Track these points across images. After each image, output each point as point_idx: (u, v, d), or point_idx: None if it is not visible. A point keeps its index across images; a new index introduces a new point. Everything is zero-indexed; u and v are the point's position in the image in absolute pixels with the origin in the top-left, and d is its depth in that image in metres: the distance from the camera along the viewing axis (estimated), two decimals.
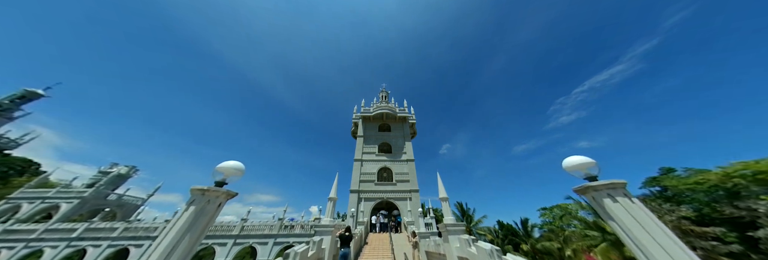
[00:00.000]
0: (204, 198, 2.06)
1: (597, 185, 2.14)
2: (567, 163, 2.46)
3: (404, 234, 15.22)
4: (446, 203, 7.03)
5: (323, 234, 6.43)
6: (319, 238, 5.77)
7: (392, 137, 25.18)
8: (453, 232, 6.08)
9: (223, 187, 2.29)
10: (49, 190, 19.13)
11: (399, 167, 21.55)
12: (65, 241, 14.99)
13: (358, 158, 22.21)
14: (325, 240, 6.30)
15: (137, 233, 15.60)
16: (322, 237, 6.32)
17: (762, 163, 14.04)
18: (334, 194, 7.47)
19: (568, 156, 2.50)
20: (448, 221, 6.32)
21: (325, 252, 6.14)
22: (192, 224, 1.85)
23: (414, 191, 19.23)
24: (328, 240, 6.37)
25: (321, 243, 5.73)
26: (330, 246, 6.32)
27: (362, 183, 19.89)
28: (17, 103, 26.34)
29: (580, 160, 2.38)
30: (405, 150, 23.31)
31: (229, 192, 2.22)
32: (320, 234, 6.43)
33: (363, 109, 28.37)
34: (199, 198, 2.04)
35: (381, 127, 27.07)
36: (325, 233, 6.46)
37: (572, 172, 2.45)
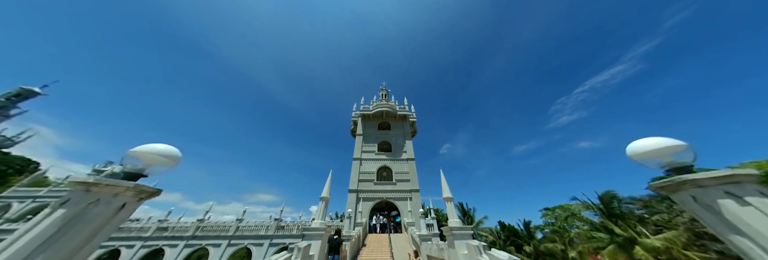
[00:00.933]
0: (88, 196, 1.29)
1: (702, 179, 1.36)
2: (638, 149, 1.67)
3: (404, 235, 14.39)
4: (451, 203, 6.25)
5: (312, 239, 5.55)
6: (307, 244, 4.95)
7: (392, 136, 24.40)
8: (460, 237, 5.29)
9: (139, 180, 1.52)
10: (40, 189, 18.42)
11: (399, 166, 20.75)
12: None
13: (357, 157, 21.42)
14: (314, 246, 5.48)
15: (130, 233, 14.85)
16: (311, 242, 5.47)
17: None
18: (326, 193, 6.46)
19: (638, 140, 1.72)
20: (454, 224, 5.53)
21: (315, 258, 5.34)
22: (60, 235, 1.08)
23: (414, 191, 18.41)
24: (318, 245, 5.56)
25: (308, 250, 4.92)
26: (319, 252, 5.51)
27: (361, 183, 19.09)
28: (13, 101, 25.67)
29: (661, 143, 1.60)
30: (405, 149, 22.51)
31: (142, 188, 1.44)
32: (309, 238, 5.56)
33: (362, 107, 27.62)
34: (78, 196, 1.27)
35: (381, 126, 26.30)
36: (315, 237, 5.58)
37: (645, 161, 1.69)
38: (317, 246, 5.48)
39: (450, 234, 5.32)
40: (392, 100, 29.45)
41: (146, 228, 14.95)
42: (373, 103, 27.99)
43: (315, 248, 5.44)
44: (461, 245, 5.10)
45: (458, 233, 5.31)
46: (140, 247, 14.05)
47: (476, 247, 4.33)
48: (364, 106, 27.73)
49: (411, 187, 18.61)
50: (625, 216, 16.40)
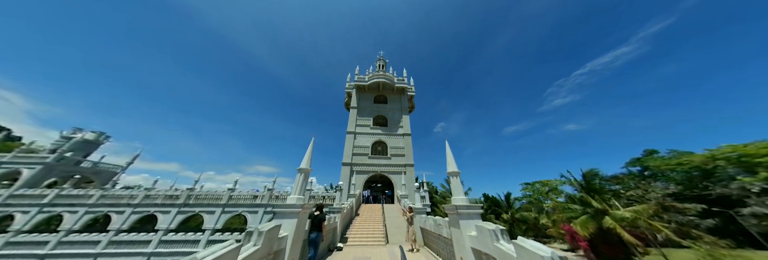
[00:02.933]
0: None
1: None
2: None
3: (397, 206, 14.64)
4: (457, 179, 5.27)
5: (284, 217, 4.41)
6: (272, 226, 3.50)
7: (388, 110, 22.66)
8: (466, 216, 4.44)
9: None
10: (4, 155, 16.59)
11: (394, 141, 19.87)
12: (36, 207, 13.43)
13: (351, 130, 20.13)
14: (286, 226, 4.34)
15: (121, 200, 14.20)
16: (282, 222, 4.28)
17: (750, 147, 13.45)
18: (306, 164, 5.14)
19: None
20: (460, 201, 4.64)
21: (287, 242, 4.19)
22: None
23: (409, 165, 18.11)
24: (292, 225, 4.40)
25: (275, 232, 3.78)
26: (294, 233, 4.39)
27: (355, 157, 18.41)
28: None
29: None
30: (401, 123, 21.21)
31: None
32: (280, 216, 4.41)
33: (357, 77, 24.63)
34: None
35: (377, 99, 24.15)
36: (287, 215, 4.44)
37: None
38: (291, 225, 4.41)
39: (455, 212, 4.47)
40: (390, 72, 26.34)
41: (135, 196, 14.28)
42: (369, 74, 24.94)
43: (288, 228, 4.37)
44: (468, 226, 4.30)
45: (465, 212, 4.45)
46: (131, 213, 13.54)
47: (492, 232, 3.40)
48: (359, 76, 24.71)
49: (405, 162, 18.23)
50: (602, 190, 17.25)
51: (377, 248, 7.82)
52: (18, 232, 12.24)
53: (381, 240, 8.66)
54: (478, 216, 4.50)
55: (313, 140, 5.81)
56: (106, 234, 12.06)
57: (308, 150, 5.45)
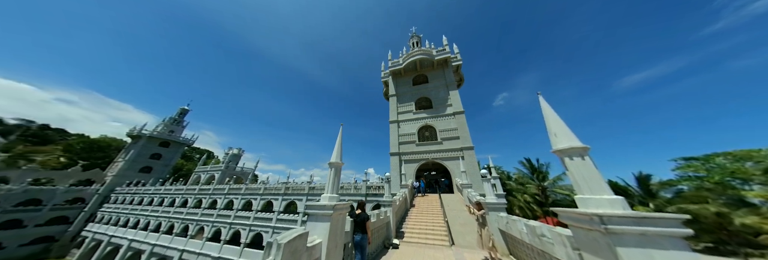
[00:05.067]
0: None
1: None
2: None
3: (457, 196, 11.90)
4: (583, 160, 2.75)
5: (317, 220, 3.41)
6: (295, 235, 2.56)
7: (431, 89, 19.25)
8: (633, 239, 1.69)
9: None
10: (206, 167, 26.87)
11: (444, 123, 16.58)
12: (223, 195, 20.24)
13: (394, 119, 18.55)
14: (319, 231, 3.32)
15: (256, 191, 19.44)
16: (315, 225, 3.35)
17: None
18: (336, 158, 4.05)
19: None
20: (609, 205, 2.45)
21: (321, 250, 3.22)
22: None
23: (466, 148, 14.53)
24: (325, 229, 3.35)
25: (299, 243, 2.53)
26: (329, 239, 3.34)
27: (402, 145, 16.80)
28: (181, 117, 36.55)
29: None
30: (450, 101, 17.41)
31: None
32: (313, 219, 3.43)
33: (391, 62, 22.48)
34: None
35: (416, 80, 21.15)
36: (319, 218, 3.41)
37: None
38: (324, 230, 3.32)
39: (600, 229, 2.30)
40: (428, 46, 22.30)
41: (259, 188, 18.87)
42: (403, 56, 22.09)
43: (320, 233, 3.28)
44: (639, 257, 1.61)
45: (629, 231, 2.41)
46: (260, 199, 17.95)
47: None
48: (393, 61, 22.41)
49: (461, 145, 14.74)
50: None
51: (441, 250, 6.06)
52: (219, 209, 18.74)
53: (444, 240, 6.80)
54: (668, 240, 1.62)
55: (341, 130, 4.66)
56: (251, 212, 16.88)
57: (337, 142, 4.26)
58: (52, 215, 22.51)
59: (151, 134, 30.68)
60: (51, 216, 22.45)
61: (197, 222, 18.19)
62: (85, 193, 24.97)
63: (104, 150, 35.44)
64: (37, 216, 21.66)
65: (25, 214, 21.06)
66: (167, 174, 31.94)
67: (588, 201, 2.07)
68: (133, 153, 29.02)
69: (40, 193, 22.43)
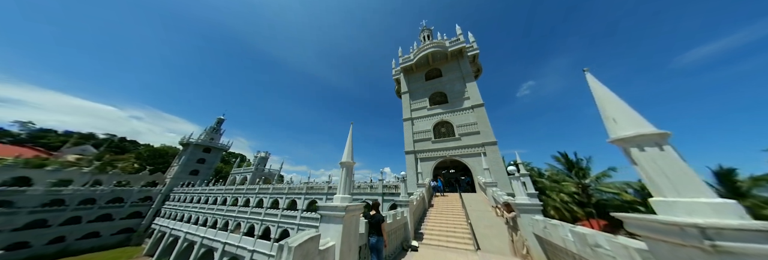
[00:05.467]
0: None
1: None
2: None
3: (480, 196, 10.88)
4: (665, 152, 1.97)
5: (329, 222, 3.22)
6: (307, 237, 2.42)
7: (446, 83, 18.17)
8: None
9: None
10: (240, 169, 30.29)
11: (462, 118, 15.45)
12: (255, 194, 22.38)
13: (407, 117, 18.00)
14: (332, 233, 3.14)
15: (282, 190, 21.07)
16: (328, 227, 3.17)
17: None
18: (347, 157, 3.85)
19: None
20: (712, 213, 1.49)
21: (335, 253, 3.05)
22: None
23: (489, 144, 13.25)
24: (338, 232, 3.17)
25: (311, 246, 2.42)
26: (342, 242, 3.14)
27: (417, 143, 16.17)
28: (218, 125, 42.06)
29: None
30: (467, 94, 16.17)
31: None
32: (326, 220, 3.24)
33: (402, 59, 21.94)
34: None
35: (429, 75, 20.24)
36: (332, 220, 3.22)
37: None
38: (337, 232, 3.14)
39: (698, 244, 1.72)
40: (439, 38, 21.18)
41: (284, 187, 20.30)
42: (414, 51, 21.36)
43: (333, 235, 3.12)
44: None
45: None
46: (285, 198, 19.19)
47: None
48: (404, 57, 21.84)
49: (483, 140, 13.50)
50: None
51: (465, 255, 5.61)
52: (251, 207, 20.71)
53: (467, 244, 6.25)
54: None
55: (351, 129, 4.47)
56: (278, 210, 18.33)
57: (348, 141, 4.04)
58: (130, 210, 27.49)
59: (196, 142, 35.26)
60: (130, 211, 27.43)
61: (235, 219, 20.18)
62: (152, 193, 29.93)
63: (163, 156, 42.20)
64: (121, 211, 26.68)
65: (113, 210, 26.13)
66: (210, 176, 36.35)
67: (675, 206, 1.47)
68: (184, 159, 33.71)
69: (122, 193, 27.58)
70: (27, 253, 20.23)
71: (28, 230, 20.68)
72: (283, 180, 38.21)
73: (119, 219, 26.35)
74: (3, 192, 20.24)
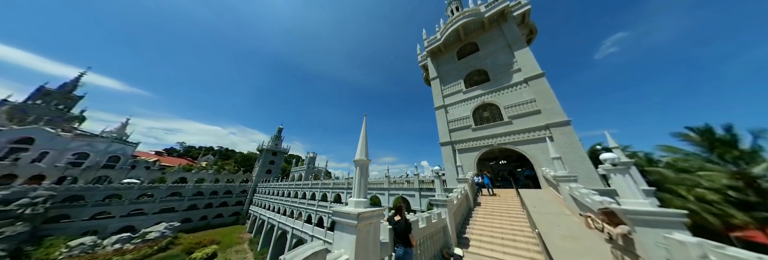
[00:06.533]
0: None
1: None
2: None
3: (549, 193, 8.03)
4: None
5: (344, 230, 2.64)
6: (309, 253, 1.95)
7: (485, 57, 14.93)
8: None
9: None
10: (297, 168, 36.45)
11: (511, 96, 12.22)
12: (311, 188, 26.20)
13: (439, 105, 15.99)
14: (345, 244, 2.57)
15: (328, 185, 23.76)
16: (341, 237, 2.63)
17: None
18: (361, 154, 3.27)
19: None
20: None
21: None
22: None
23: (558, 124, 9.76)
24: (351, 243, 2.55)
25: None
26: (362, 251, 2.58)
27: (454, 133, 14.02)
28: (279, 133, 52.32)
29: None
30: (516, 66, 12.68)
31: None
32: (340, 229, 2.69)
33: (427, 42, 19.75)
34: None
35: (461, 53, 17.24)
36: (346, 229, 2.64)
37: None
38: (350, 244, 2.55)
39: None
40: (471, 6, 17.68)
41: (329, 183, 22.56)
42: (439, 30, 18.78)
43: (347, 246, 2.54)
44: None
45: None
46: (331, 192, 21.13)
47: None
48: (429, 39, 19.59)
49: (546, 121, 10.09)
50: None
51: None
52: (307, 200, 24.36)
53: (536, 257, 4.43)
54: None
55: (365, 122, 3.70)
56: (326, 202, 20.34)
57: (362, 137, 3.46)
58: (236, 200, 37.49)
59: (266, 148, 44.42)
60: (236, 200, 37.42)
61: (297, 209, 23.77)
62: (246, 187, 39.75)
63: (250, 160, 55.76)
64: (231, 200, 36.77)
65: (227, 199, 36.34)
66: (279, 174, 44.97)
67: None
68: (261, 161, 43.06)
69: (231, 187, 37.95)
70: (191, 225, 30.83)
71: (188, 211, 31.50)
72: (331, 176, 42.79)
73: (231, 205, 36.39)
74: (175, 187, 31.63)
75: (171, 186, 31.22)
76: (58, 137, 28.59)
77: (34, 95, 34.00)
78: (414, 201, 13.62)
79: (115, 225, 25.26)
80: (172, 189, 31.10)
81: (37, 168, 25.99)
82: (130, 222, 26.25)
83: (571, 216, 6.01)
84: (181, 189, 31.98)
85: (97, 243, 20.12)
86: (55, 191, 23.28)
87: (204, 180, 36.61)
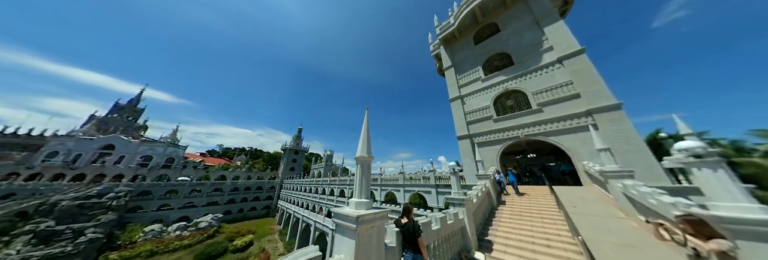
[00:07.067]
0: None
1: None
2: None
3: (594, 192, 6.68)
4: None
5: (344, 234, 2.42)
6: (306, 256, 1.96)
7: (508, 38, 13.21)
8: None
9: None
10: (316, 165, 38.40)
11: (541, 80, 10.60)
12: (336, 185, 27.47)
13: (455, 96, 14.78)
14: (345, 248, 2.33)
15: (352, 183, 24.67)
16: (343, 240, 2.39)
17: None
18: (363, 151, 2.92)
19: None
20: None
21: None
22: None
23: (604, 109, 8.10)
24: (351, 247, 2.28)
25: None
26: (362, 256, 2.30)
27: (472, 125, 12.84)
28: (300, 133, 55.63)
29: None
30: (547, 43, 10.92)
31: None
32: (340, 232, 2.47)
33: (439, 29, 18.34)
34: None
35: (479, 36, 15.55)
36: (345, 232, 2.41)
37: None
38: (349, 250, 2.32)
39: None
40: None
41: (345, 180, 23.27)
42: (452, 14, 17.22)
43: (347, 252, 2.32)
44: None
45: None
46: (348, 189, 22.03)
47: None
48: (441, 26, 18.15)
49: (588, 106, 8.45)
50: None
51: None
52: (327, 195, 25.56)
53: None
54: None
55: (366, 116, 3.31)
56: (344, 198, 20.83)
57: (363, 132, 3.09)
58: (266, 195, 41.07)
59: (289, 147, 47.70)
60: (266, 195, 41.01)
61: (318, 203, 24.94)
62: (274, 183, 43.22)
63: (276, 159, 60.28)
64: (262, 195, 40.42)
65: (259, 194, 40.05)
66: (300, 171, 47.82)
67: None
68: (285, 160, 46.34)
69: (261, 183, 41.67)
70: (231, 216, 34.85)
71: (228, 204, 35.60)
72: (347, 172, 43.93)
73: (262, 200, 40.04)
74: (216, 183, 35.89)
75: (213, 182, 35.54)
76: (130, 143, 34.66)
77: (112, 110, 41.56)
78: (430, 198, 12.99)
79: (174, 215, 29.76)
80: (214, 186, 35.39)
81: (118, 169, 31.94)
82: (185, 213, 30.65)
83: (625, 220, 4.82)
84: (222, 185, 36.17)
85: (163, 229, 23.94)
86: (131, 187, 28.21)
87: (238, 178, 40.84)
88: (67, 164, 29.47)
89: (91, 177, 29.96)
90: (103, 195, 24.39)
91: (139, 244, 20.78)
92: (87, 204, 21.95)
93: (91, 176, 30.03)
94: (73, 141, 31.27)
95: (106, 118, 39.09)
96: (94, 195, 24.00)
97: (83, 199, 22.68)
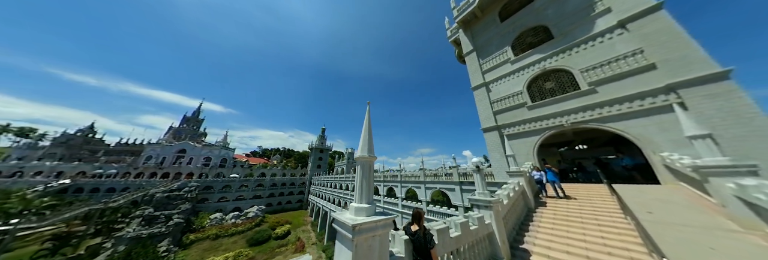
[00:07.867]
0: None
1: None
2: None
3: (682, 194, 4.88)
4: None
5: (343, 243, 2.14)
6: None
7: (542, 8, 11.02)
8: None
9: None
10: (339, 162, 40.18)
11: (593, 53, 8.47)
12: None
13: (478, 83, 13.12)
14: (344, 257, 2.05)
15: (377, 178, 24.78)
16: (342, 250, 2.12)
17: None
18: (364, 151, 2.57)
19: None
20: None
21: None
22: None
23: (696, 82, 5.87)
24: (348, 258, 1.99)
25: None
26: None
27: (500, 115, 11.18)
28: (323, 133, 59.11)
29: None
30: (600, 5, 8.60)
31: None
32: (340, 240, 2.18)
33: (456, 11, 16.47)
34: None
35: (505, 11, 13.37)
36: (343, 241, 2.13)
37: None
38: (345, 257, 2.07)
39: None
40: None
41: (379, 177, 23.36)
42: None
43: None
44: None
45: None
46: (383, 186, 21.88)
47: None
48: (459, 6, 16.23)
49: (670, 79, 6.27)
50: None
51: None
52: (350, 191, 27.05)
53: None
54: None
55: (368, 111, 2.93)
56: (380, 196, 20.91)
57: (364, 129, 2.73)
58: (299, 189, 45.03)
59: (314, 147, 51.16)
60: (299, 190, 44.97)
61: (343, 199, 25.94)
62: (304, 179, 47.04)
63: (305, 158, 65.47)
64: (295, 190, 44.35)
65: (292, 189, 44.13)
66: (326, 168, 50.80)
67: None
68: (312, 158, 49.85)
69: (294, 180, 45.88)
70: (272, 208, 39.37)
71: (269, 198, 40.30)
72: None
73: (296, 194, 44.11)
74: (259, 179, 40.90)
75: (256, 179, 40.62)
76: (195, 147, 42.42)
77: (182, 121, 51.47)
78: (454, 195, 11.94)
79: (230, 206, 35.15)
80: (257, 182, 40.41)
81: (189, 168, 39.40)
82: (237, 204, 35.87)
83: (742, 235, 3.27)
84: (263, 181, 41.07)
85: (222, 217, 28.56)
86: (199, 182, 34.38)
87: (275, 175, 45.70)
88: (158, 165, 37.77)
89: (172, 175, 37.88)
90: (181, 189, 30.45)
91: (207, 229, 25.22)
92: (172, 196, 27.74)
93: (172, 174, 37.97)
94: (160, 148, 40.08)
95: (179, 128, 49.04)
96: (176, 189, 30.28)
97: (169, 192, 28.71)
